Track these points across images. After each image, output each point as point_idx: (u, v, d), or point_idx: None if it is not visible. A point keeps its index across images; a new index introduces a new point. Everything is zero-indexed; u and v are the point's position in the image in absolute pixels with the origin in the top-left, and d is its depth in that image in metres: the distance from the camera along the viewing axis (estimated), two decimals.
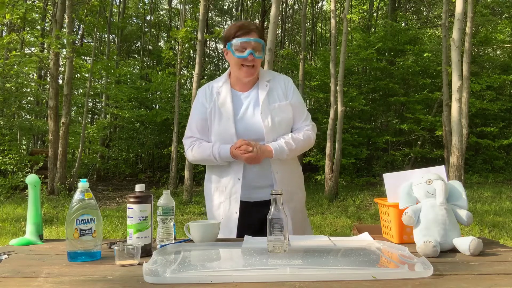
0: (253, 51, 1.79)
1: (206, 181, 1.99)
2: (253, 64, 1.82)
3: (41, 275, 1.12)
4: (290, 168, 1.92)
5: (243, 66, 1.82)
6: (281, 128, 1.85)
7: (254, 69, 1.84)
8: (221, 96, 1.89)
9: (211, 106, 1.89)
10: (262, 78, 1.92)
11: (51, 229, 6.13)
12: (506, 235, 5.69)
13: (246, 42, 1.79)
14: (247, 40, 1.79)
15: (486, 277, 1.08)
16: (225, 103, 1.87)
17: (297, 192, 1.96)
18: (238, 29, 1.82)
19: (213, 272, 1.12)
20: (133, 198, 1.39)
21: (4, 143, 11.22)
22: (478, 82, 12.10)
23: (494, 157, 14.32)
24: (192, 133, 1.94)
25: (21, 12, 10.06)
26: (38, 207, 1.55)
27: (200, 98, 1.95)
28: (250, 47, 1.80)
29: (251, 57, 1.80)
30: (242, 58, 1.80)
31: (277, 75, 1.99)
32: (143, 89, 15.06)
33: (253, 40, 1.80)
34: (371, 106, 14.21)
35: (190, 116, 1.98)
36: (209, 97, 1.91)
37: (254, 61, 1.81)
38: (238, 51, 1.81)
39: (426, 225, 1.37)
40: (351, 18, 17.17)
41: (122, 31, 18.04)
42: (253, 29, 1.82)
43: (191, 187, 9.48)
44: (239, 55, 1.80)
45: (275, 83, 1.92)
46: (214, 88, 1.93)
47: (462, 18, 7.05)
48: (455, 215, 1.41)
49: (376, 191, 11.08)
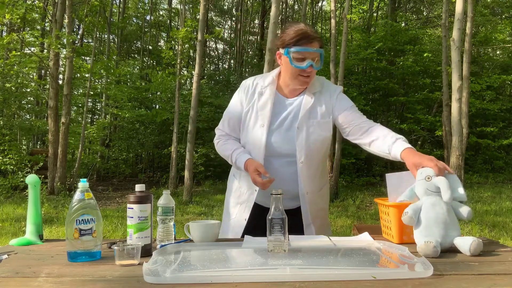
0: (313, 63, 1.68)
1: (231, 174, 1.97)
2: (310, 75, 1.71)
3: (41, 275, 1.12)
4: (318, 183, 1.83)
5: (299, 75, 1.71)
6: (315, 146, 1.75)
7: (309, 79, 1.72)
8: (263, 97, 1.78)
9: (249, 107, 1.80)
10: (312, 86, 1.79)
11: (51, 229, 6.13)
12: (506, 235, 5.69)
13: (307, 53, 1.67)
14: (309, 51, 1.67)
15: (486, 277, 1.08)
16: (265, 107, 1.76)
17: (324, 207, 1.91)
18: (301, 36, 1.68)
19: (213, 272, 1.12)
20: (133, 198, 1.39)
21: (4, 143, 11.22)
22: (478, 82, 12.10)
23: (494, 157, 14.33)
24: (223, 128, 1.88)
25: (21, 12, 10.06)
26: (38, 207, 1.55)
27: (240, 94, 1.84)
28: (310, 57, 1.68)
29: (310, 68, 1.68)
30: (300, 69, 1.69)
31: (327, 85, 1.84)
32: (143, 89, 15.06)
33: (315, 50, 1.68)
34: (371, 106, 14.20)
35: (227, 109, 1.88)
36: (250, 96, 1.81)
37: (312, 72, 1.71)
38: (297, 60, 1.68)
39: (426, 224, 1.35)
40: (351, 18, 17.16)
41: (122, 31, 18.04)
42: (316, 37, 1.69)
43: (191, 187, 9.48)
44: (297, 65, 1.68)
45: (323, 96, 1.79)
46: (258, 86, 1.81)
47: (462, 18, 7.05)
48: (455, 212, 1.39)
49: (376, 191, 11.09)
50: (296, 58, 1.68)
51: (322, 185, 1.89)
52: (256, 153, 1.76)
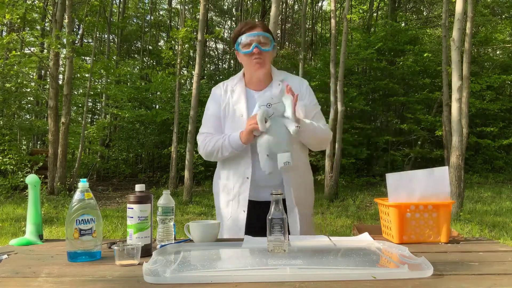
0: (258, 45, 1.80)
1: (215, 178, 1.99)
2: (260, 57, 1.82)
3: (41, 275, 1.12)
4: (300, 171, 1.90)
5: (251, 60, 1.83)
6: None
7: (263, 61, 1.83)
8: (235, 94, 1.91)
9: (225, 104, 1.90)
10: (276, 77, 1.92)
11: (51, 229, 6.13)
12: (506, 235, 5.69)
13: (251, 37, 1.81)
14: (252, 35, 1.81)
15: (486, 277, 1.08)
16: (239, 101, 1.88)
17: (307, 196, 1.95)
18: (242, 26, 1.86)
19: (213, 272, 1.12)
20: (133, 198, 1.39)
21: (4, 143, 11.22)
22: (478, 82, 12.10)
23: (494, 157, 14.33)
24: (208, 130, 1.93)
25: (21, 12, 10.07)
26: (38, 207, 1.55)
27: (215, 96, 1.96)
28: (255, 41, 1.81)
29: (257, 50, 1.80)
30: (249, 53, 1.82)
31: (291, 76, 1.98)
32: (143, 89, 15.06)
33: (257, 34, 1.81)
34: (371, 106, 14.21)
35: (205, 114, 1.98)
36: (224, 95, 1.93)
37: (261, 53, 1.82)
38: (244, 47, 1.83)
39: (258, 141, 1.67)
40: (351, 18, 17.19)
41: (122, 31, 18.03)
42: (257, 24, 1.85)
43: (191, 187, 9.48)
44: (245, 51, 1.82)
45: (289, 82, 1.87)
46: (228, 86, 1.95)
47: (462, 18, 7.04)
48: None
49: (376, 191, 11.09)
50: (243, 46, 1.83)
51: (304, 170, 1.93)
52: None
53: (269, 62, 1.89)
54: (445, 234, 1.52)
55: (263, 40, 1.82)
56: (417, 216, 1.52)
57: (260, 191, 1.83)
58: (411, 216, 1.52)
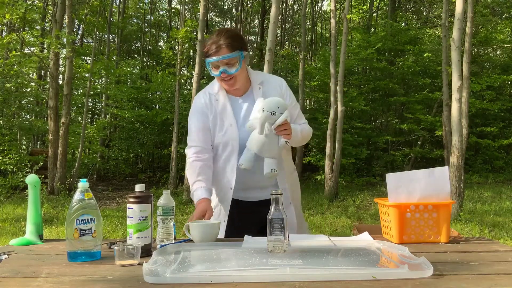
0: (225, 69, 1.76)
1: None
2: (229, 79, 1.80)
3: (41, 275, 1.12)
4: (289, 169, 1.96)
5: (222, 81, 1.82)
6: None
7: (233, 81, 1.81)
8: (219, 103, 1.88)
9: (212, 114, 1.87)
10: (254, 81, 1.90)
11: (51, 229, 6.13)
12: (506, 235, 5.69)
13: (217, 62, 1.76)
14: (216, 60, 1.76)
15: (486, 277, 1.08)
16: (225, 110, 1.86)
17: (297, 192, 2.03)
18: (208, 48, 1.79)
19: (213, 272, 1.12)
20: (133, 198, 1.39)
21: (4, 143, 11.21)
22: (478, 82, 12.10)
23: (494, 157, 14.32)
24: (194, 143, 1.88)
25: (21, 12, 10.06)
26: (38, 207, 1.55)
27: (199, 106, 1.90)
28: (222, 65, 1.77)
29: (224, 74, 1.78)
30: (217, 77, 1.81)
31: (268, 76, 1.97)
32: (143, 89, 15.05)
33: (221, 58, 1.75)
34: (371, 106, 14.20)
35: (190, 125, 1.92)
36: (209, 105, 1.89)
37: (229, 76, 1.79)
38: (213, 69, 1.81)
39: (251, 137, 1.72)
40: (351, 18, 17.18)
41: (122, 31, 18.02)
42: (222, 45, 1.75)
43: None
44: (214, 74, 1.81)
45: (269, 86, 1.90)
46: (211, 95, 1.91)
47: (462, 18, 7.04)
48: None
49: (376, 191, 11.08)
50: (212, 67, 1.81)
51: (292, 169, 2.01)
52: (231, 151, 1.84)
53: (242, 76, 1.84)
54: (445, 234, 1.52)
55: (230, 61, 1.76)
56: (417, 216, 1.52)
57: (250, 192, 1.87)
58: (411, 216, 1.52)
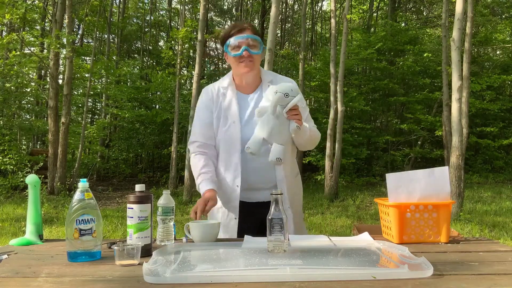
0: (247, 47, 1.79)
1: None
2: (249, 59, 1.80)
3: (41, 275, 1.12)
4: (292, 171, 1.92)
5: (240, 63, 1.81)
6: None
7: (252, 64, 1.81)
8: (226, 98, 1.87)
9: (217, 110, 1.87)
10: (265, 79, 1.90)
11: (51, 229, 6.13)
12: (506, 235, 5.69)
13: (240, 40, 1.79)
14: (241, 38, 1.79)
15: (486, 277, 1.08)
16: (230, 106, 1.85)
17: (298, 196, 1.99)
18: (231, 29, 1.84)
19: (213, 272, 1.12)
20: (133, 198, 1.39)
21: (4, 143, 11.21)
22: (478, 82, 12.10)
23: (494, 157, 14.32)
24: (196, 138, 1.90)
25: (21, 12, 10.07)
26: (38, 207, 1.55)
27: (205, 101, 1.91)
28: (244, 44, 1.79)
29: (246, 53, 1.79)
30: (238, 56, 1.80)
31: (279, 77, 1.97)
32: (143, 89, 15.06)
33: (246, 36, 1.79)
34: (371, 106, 14.20)
35: (195, 120, 1.94)
36: (215, 100, 1.89)
37: (250, 57, 1.80)
38: (234, 50, 1.81)
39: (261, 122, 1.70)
40: (351, 18, 17.18)
41: (122, 31, 18.03)
42: (246, 27, 1.83)
43: (191, 187, 9.47)
44: (234, 54, 1.80)
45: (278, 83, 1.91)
46: (219, 90, 1.90)
47: (462, 18, 7.04)
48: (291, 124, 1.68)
49: (376, 191, 11.08)
50: (233, 48, 1.81)
51: (295, 173, 1.98)
52: (233, 149, 1.82)
53: (258, 65, 1.87)
54: (445, 234, 1.52)
55: (252, 42, 1.80)
56: (417, 216, 1.52)
57: (251, 193, 1.84)
58: (411, 216, 1.52)
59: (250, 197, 1.85)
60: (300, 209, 2.00)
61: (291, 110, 1.65)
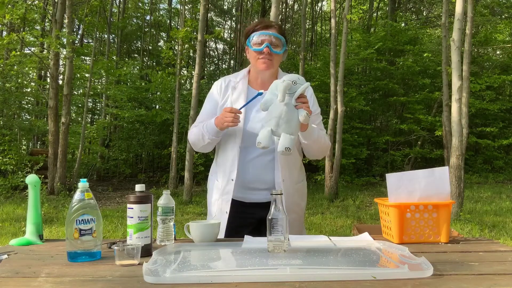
0: (269, 45, 1.77)
1: (210, 173, 2.01)
2: (269, 57, 1.78)
3: (41, 275, 1.12)
4: (290, 175, 1.83)
5: (259, 59, 1.80)
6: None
7: (271, 62, 1.79)
8: (236, 91, 1.87)
9: (223, 101, 1.86)
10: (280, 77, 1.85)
11: (51, 229, 6.13)
12: (506, 235, 5.69)
13: (264, 36, 1.78)
14: (265, 34, 1.78)
15: (486, 277, 1.08)
16: (238, 99, 1.84)
17: (300, 202, 1.91)
18: (257, 24, 1.83)
19: (213, 272, 1.12)
20: (133, 198, 1.39)
21: (4, 143, 11.21)
22: (478, 82, 12.09)
23: (494, 157, 14.32)
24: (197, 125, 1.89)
25: (21, 12, 10.06)
26: (38, 207, 1.55)
27: (214, 91, 1.92)
28: (267, 40, 1.77)
29: (267, 49, 1.77)
30: (258, 51, 1.78)
31: None
32: (143, 89, 15.05)
33: (271, 33, 1.78)
34: (371, 106, 14.20)
35: (202, 108, 1.95)
36: (224, 91, 1.89)
37: (270, 54, 1.78)
38: (256, 45, 1.79)
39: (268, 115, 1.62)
40: (351, 18, 17.15)
41: (122, 31, 18.02)
42: (273, 25, 1.82)
43: (191, 187, 9.48)
44: (256, 48, 1.79)
45: None
46: (231, 82, 1.90)
47: (462, 18, 7.04)
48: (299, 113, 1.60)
49: (376, 191, 11.08)
50: (255, 43, 1.79)
51: (300, 180, 1.92)
52: (233, 143, 1.80)
53: (277, 65, 1.85)
54: (445, 234, 1.52)
55: (275, 41, 1.79)
56: (417, 216, 1.52)
57: (246, 192, 1.82)
58: (411, 216, 1.52)
59: (244, 196, 1.83)
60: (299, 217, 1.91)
61: (299, 98, 1.60)
